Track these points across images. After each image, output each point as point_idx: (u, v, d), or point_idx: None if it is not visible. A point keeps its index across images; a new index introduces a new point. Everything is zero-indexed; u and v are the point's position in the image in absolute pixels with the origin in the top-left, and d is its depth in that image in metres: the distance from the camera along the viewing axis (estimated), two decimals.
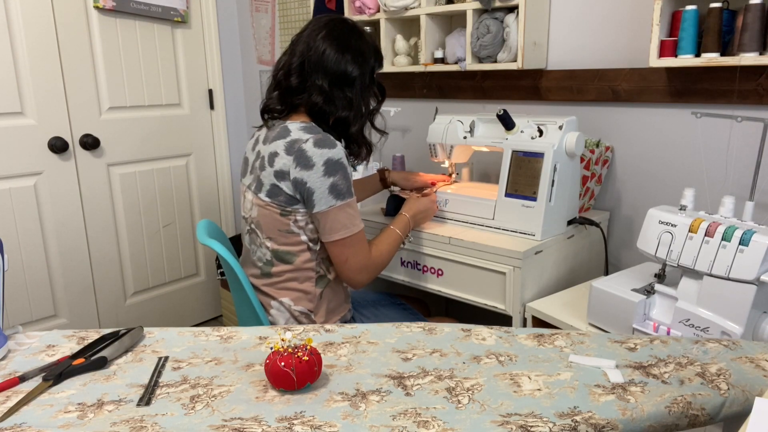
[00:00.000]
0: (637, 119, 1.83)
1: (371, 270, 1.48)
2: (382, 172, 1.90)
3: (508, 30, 1.86)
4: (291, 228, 1.40)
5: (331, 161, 1.34)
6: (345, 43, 1.42)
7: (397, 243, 1.56)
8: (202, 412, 0.86)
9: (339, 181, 1.35)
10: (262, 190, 1.40)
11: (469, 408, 0.85)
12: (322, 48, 1.40)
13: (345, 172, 1.37)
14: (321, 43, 1.41)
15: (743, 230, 1.16)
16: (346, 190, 1.37)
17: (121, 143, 2.53)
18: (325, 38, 1.41)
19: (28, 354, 1.06)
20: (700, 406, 0.87)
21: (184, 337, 1.12)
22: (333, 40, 1.41)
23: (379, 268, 1.51)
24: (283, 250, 1.43)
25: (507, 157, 1.69)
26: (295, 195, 1.37)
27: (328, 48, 1.40)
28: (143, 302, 2.73)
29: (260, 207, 1.42)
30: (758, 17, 1.41)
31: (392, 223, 1.58)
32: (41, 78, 2.25)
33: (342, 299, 1.55)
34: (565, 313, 1.50)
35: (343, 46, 1.41)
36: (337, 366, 0.99)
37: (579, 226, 1.75)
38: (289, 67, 1.44)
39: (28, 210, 2.29)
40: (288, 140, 1.37)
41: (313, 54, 1.41)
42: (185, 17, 2.67)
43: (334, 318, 1.52)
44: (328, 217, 1.37)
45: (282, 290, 1.47)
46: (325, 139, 1.36)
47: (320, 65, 1.41)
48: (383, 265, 1.52)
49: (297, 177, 1.34)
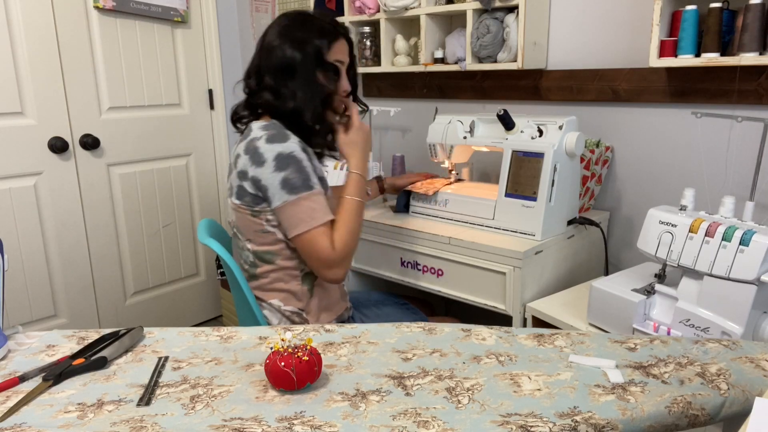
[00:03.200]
0: (637, 119, 1.83)
1: (339, 262, 1.38)
2: (379, 180, 1.95)
3: (508, 30, 1.86)
4: (265, 228, 1.39)
5: (282, 155, 1.32)
6: (284, 33, 1.40)
7: (358, 210, 1.43)
8: (202, 412, 0.86)
9: (291, 174, 1.32)
10: (233, 193, 1.41)
11: (469, 408, 0.85)
12: (266, 45, 1.41)
13: (298, 165, 1.33)
14: (268, 41, 1.41)
15: (743, 230, 1.16)
16: (301, 184, 1.33)
17: (121, 143, 2.53)
18: (271, 35, 1.41)
19: (28, 354, 1.06)
20: (700, 406, 0.87)
21: (184, 337, 1.12)
22: (275, 34, 1.40)
23: (348, 255, 1.41)
24: (262, 250, 1.42)
25: (507, 157, 1.69)
26: (257, 194, 1.36)
27: (270, 43, 1.40)
28: (143, 302, 2.73)
29: (234, 210, 1.43)
30: (758, 17, 1.41)
31: (345, 191, 1.44)
32: (41, 78, 2.25)
33: (337, 297, 1.53)
34: (565, 313, 1.50)
35: (281, 37, 1.40)
36: (337, 366, 0.99)
37: (579, 226, 1.75)
38: (248, 70, 1.46)
39: (28, 210, 2.29)
40: (247, 140, 1.38)
41: (263, 51, 1.42)
42: (185, 17, 2.67)
43: (329, 316, 1.50)
44: (285, 213, 1.34)
45: (270, 292, 1.46)
46: (277, 134, 1.36)
47: (266, 62, 1.41)
48: (352, 247, 1.41)
49: (253, 175, 1.34)
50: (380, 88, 2.53)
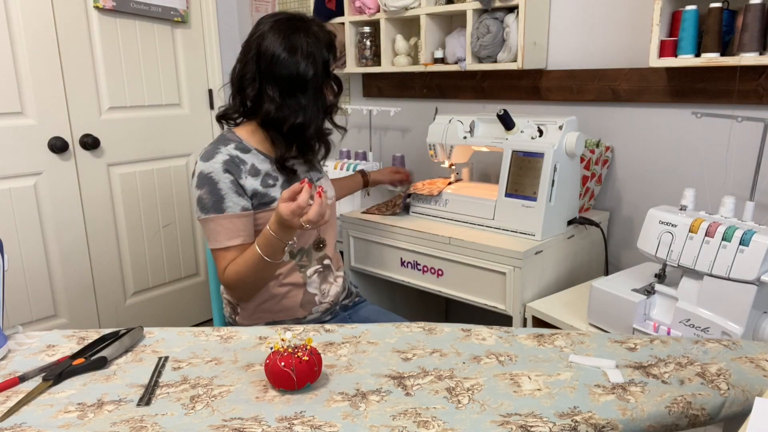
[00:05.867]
0: (637, 119, 1.83)
1: (230, 287, 1.40)
2: (362, 173, 1.98)
3: (508, 30, 1.86)
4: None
5: (201, 175, 1.37)
6: (293, 44, 1.36)
7: (255, 260, 1.32)
8: (202, 412, 0.86)
9: (204, 195, 1.36)
10: None
11: (469, 408, 0.85)
12: (270, 52, 1.36)
13: (212, 188, 1.35)
14: (269, 47, 1.36)
15: (743, 230, 1.16)
16: (210, 206, 1.35)
17: (121, 143, 2.53)
18: (273, 41, 1.36)
19: (28, 354, 1.06)
20: (700, 406, 0.87)
21: (184, 337, 1.12)
22: (280, 42, 1.36)
23: (235, 290, 1.41)
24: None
25: (507, 157, 1.69)
26: None
27: (274, 51, 1.36)
28: (143, 302, 2.73)
29: None
30: (758, 17, 1.41)
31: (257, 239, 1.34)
32: (41, 78, 2.25)
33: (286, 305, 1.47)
34: (565, 313, 1.50)
35: (290, 47, 1.36)
36: (337, 366, 0.99)
37: (579, 226, 1.75)
38: (241, 74, 1.42)
39: (28, 210, 2.29)
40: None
41: (262, 60, 1.37)
42: (185, 17, 2.66)
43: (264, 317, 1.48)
44: (202, 226, 1.41)
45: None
46: (208, 151, 1.39)
47: (270, 71, 1.37)
48: (239, 288, 1.40)
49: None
50: (380, 88, 2.53)
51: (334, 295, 1.53)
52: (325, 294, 1.52)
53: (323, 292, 1.51)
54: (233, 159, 1.38)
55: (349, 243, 1.97)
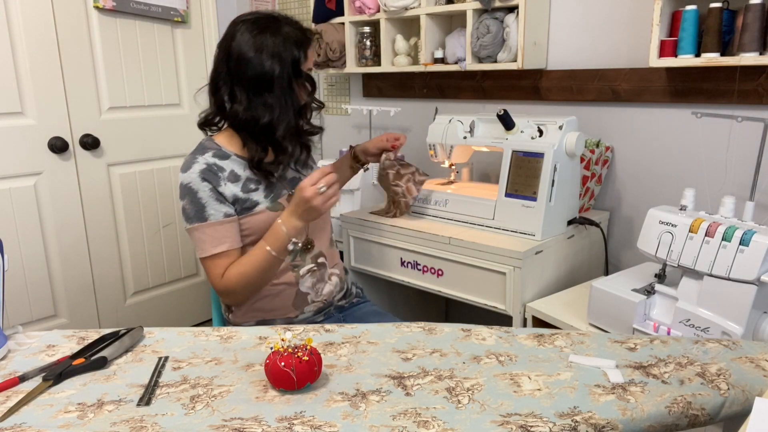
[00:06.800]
0: (637, 119, 1.83)
1: (226, 294, 1.43)
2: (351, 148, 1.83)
3: (508, 30, 1.86)
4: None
5: (182, 185, 1.39)
6: (258, 42, 1.34)
7: (264, 261, 1.37)
8: (202, 412, 0.86)
9: (186, 205, 1.39)
10: None
11: (469, 408, 0.85)
12: (237, 52, 1.34)
13: (193, 198, 1.37)
14: (236, 48, 1.35)
15: (743, 230, 1.16)
16: (193, 215, 1.38)
17: (121, 143, 2.53)
18: (240, 41, 1.34)
19: (28, 354, 1.06)
20: (700, 406, 0.87)
21: (184, 337, 1.12)
22: (249, 44, 1.34)
23: (235, 294, 1.42)
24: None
25: (507, 157, 1.69)
26: None
27: (241, 51, 1.34)
28: (143, 302, 2.73)
29: None
30: (758, 17, 1.41)
31: (264, 237, 1.39)
32: (41, 78, 2.25)
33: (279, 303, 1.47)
34: (565, 313, 1.50)
35: (256, 46, 1.34)
36: (337, 366, 0.99)
37: (579, 226, 1.75)
38: (214, 77, 1.41)
39: (28, 210, 2.29)
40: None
41: (231, 61, 1.36)
42: (185, 17, 2.66)
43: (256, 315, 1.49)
44: (189, 236, 1.42)
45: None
46: (186, 161, 1.40)
47: (237, 72, 1.35)
48: (241, 290, 1.41)
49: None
50: (380, 88, 2.53)
51: (328, 294, 1.52)
52: (318, 292, 1.51)
53: (317, 290, 1.51)
54: (210, 167, 1.38)
55: (349, 243, 1.97)
